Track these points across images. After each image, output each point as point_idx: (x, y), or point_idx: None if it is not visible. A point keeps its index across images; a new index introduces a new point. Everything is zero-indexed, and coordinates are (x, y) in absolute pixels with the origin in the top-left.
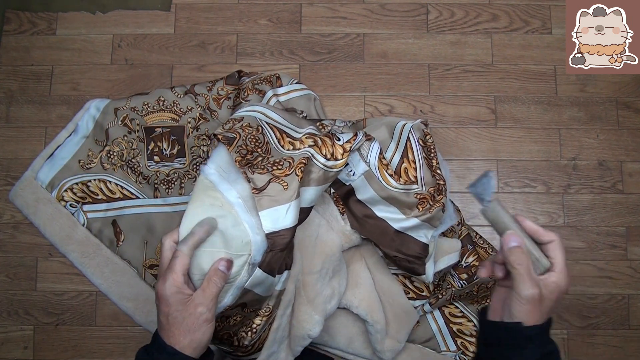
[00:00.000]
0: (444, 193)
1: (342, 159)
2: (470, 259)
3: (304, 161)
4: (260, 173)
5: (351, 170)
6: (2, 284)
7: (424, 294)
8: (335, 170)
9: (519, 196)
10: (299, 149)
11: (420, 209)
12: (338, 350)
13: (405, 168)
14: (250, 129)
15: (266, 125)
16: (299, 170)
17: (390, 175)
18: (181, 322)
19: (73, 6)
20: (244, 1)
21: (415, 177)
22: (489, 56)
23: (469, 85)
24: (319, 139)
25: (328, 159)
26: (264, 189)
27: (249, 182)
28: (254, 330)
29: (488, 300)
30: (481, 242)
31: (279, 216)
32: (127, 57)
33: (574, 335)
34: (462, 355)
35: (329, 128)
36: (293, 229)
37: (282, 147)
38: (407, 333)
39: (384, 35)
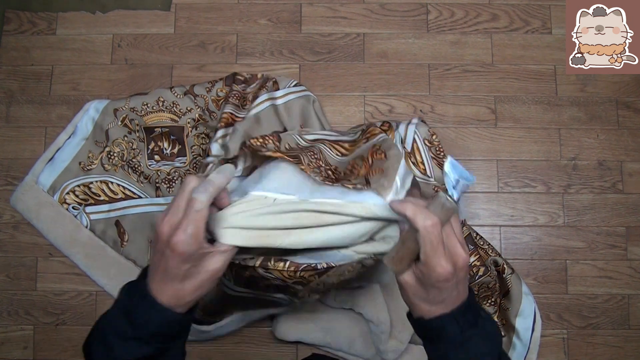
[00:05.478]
0: None
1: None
2: (472, 259)
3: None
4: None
5: None
6: (2, 284)
7: None
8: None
9: (519, 196)
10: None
11: None
12: (341, 352)
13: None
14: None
15: None
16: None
17: (414, 164)
18: (187, 277)
19: (73, 6)
20: (244, 1)
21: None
22: (489, 56)
23: (469, 85)
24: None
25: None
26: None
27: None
28: None
29: (489, 300)
30: (481, 242)
31: None
32: (127, 57)
33: (574, 335)
34: None
35: None
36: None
37: None
38: (410, 334)
39: (384, 35)
